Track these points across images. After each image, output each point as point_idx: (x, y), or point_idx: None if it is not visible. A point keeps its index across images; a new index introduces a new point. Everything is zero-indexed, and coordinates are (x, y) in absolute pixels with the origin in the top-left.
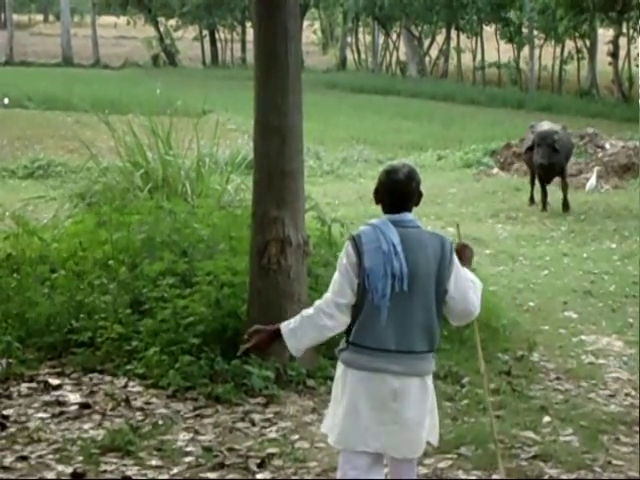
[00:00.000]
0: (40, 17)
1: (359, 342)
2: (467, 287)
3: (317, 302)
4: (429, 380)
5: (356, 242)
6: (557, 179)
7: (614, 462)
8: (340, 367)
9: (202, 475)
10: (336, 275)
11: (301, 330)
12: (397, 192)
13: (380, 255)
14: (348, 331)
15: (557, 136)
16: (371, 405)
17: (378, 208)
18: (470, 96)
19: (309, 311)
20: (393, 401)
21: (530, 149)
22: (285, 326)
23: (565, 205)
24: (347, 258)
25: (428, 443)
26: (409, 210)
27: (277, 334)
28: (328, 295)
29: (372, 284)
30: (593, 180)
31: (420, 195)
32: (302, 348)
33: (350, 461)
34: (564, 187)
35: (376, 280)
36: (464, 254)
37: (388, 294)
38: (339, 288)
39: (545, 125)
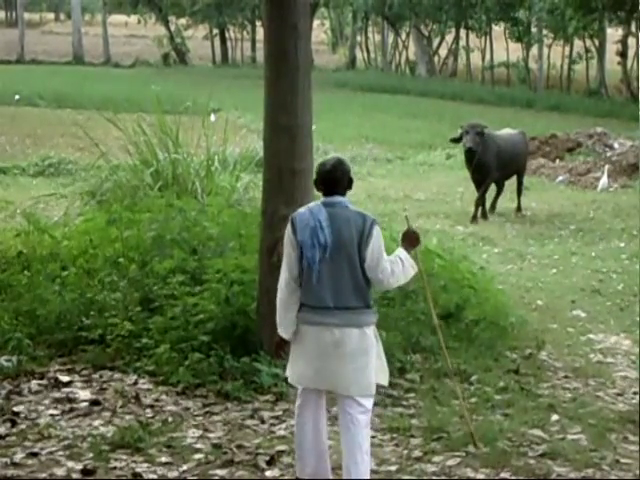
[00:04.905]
0: (51, 16)
1: (306, 302)
2: (381, 257)
3: (279, 284)
4: (369, 330)
5: (292, 222)
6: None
7: (622, 460)
8: (297, 324)
9: (211, 472)
10: (285, 251)
11: (283, 318)
12: (326, 179)
13: (309, 230)
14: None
15: (486, 128)
16: (319, 352)
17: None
18: (479, 95)
19: (278, 296)
20: (335, 348)
21: (457, 140)
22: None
23: (492, 207)
24: (287, 236)
25: (380, 386)
26: (340, 194)
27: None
28: (283, 274)
29: (305, 252)
30: (605, 179)
31: (350, 181)
32: (293, 328)
33: (301, 397)
34: (498, 192)
35: (307, 249)
36: (408, 238)
37: (317, 260)
38: (288, 260)
39: (504, 130)
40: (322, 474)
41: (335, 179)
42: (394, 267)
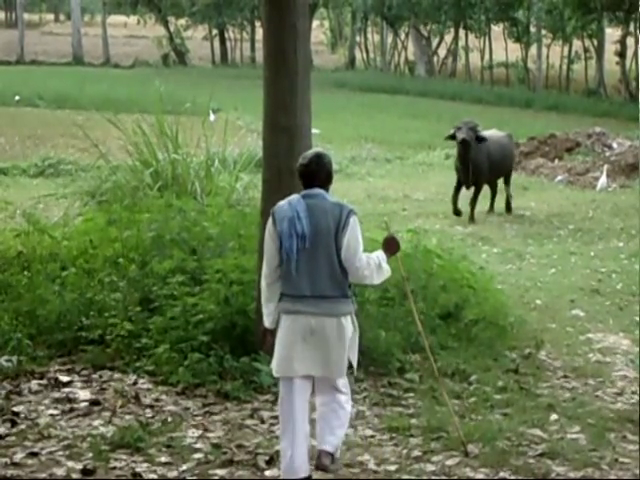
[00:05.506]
0: (51, 16)
1: (285, 292)
2: (359, 246)
3: (262, 278)
4: (345, 320)
5: (273, 214)
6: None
7: (621, 460)
8: (278, 314)
9: (211, 472)
10: (265, 244)
11: (264, 308)
12: (304, 173)
13: (287, 220)
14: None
15: (479, 127)
16: (296, 339)
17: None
18: (478, 95)
19: (261, 288)
20: (311, 335)
21: (453, 137)
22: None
23: (490, 208)
24: (268, 228)
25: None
26: (319, 186)
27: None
28: (263, 266)
29: (283, 243)
30: (604, 178)
31: (328, 175)
32: (273, 316)
33: (284, 386)
34: (493, 193)
35: (285, 239)
36: (388, 243)
37: (294, 249)
38: (268, 252)
39: (491, 131)
40: (304, 467)
41: (312, 172)
42: (370, 260)
